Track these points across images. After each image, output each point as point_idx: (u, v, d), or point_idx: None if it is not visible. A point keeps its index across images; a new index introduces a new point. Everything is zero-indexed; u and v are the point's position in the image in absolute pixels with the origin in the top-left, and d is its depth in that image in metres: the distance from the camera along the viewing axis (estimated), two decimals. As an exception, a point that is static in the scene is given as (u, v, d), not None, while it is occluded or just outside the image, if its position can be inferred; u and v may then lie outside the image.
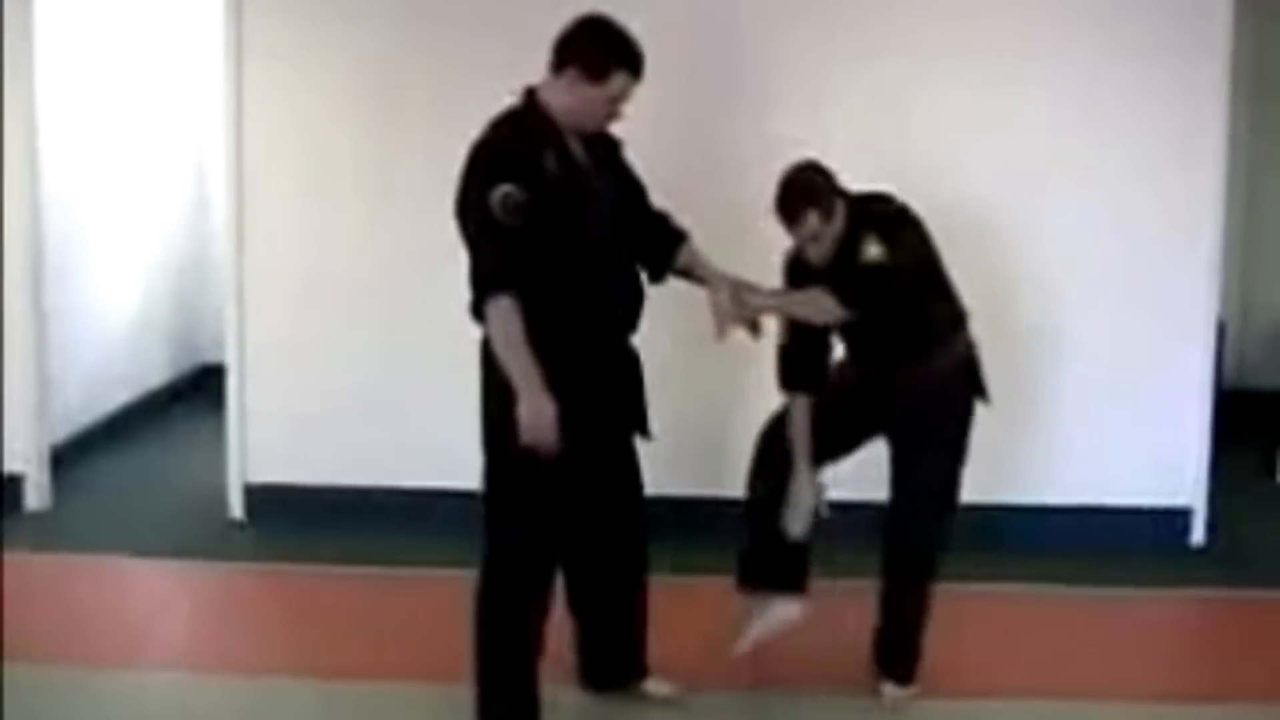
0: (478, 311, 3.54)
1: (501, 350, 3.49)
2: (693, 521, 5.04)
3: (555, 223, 3.50)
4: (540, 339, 3.48)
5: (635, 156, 3.89)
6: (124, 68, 7.04)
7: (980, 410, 4.03)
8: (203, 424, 6.65)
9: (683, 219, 3.93)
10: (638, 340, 3.80)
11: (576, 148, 3.64)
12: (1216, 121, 5.31)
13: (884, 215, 3.81)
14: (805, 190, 3.76)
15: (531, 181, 3.47)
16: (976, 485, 5.40)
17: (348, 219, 5.55)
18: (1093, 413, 5.42)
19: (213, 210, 7.57)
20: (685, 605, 4.40)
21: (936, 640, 4.06)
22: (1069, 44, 5.29)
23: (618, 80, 3.57)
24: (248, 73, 5.48)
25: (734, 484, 4.21)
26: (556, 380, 3.49)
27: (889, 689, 4.05)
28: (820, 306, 3.77)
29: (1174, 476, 5.47)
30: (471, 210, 3.50)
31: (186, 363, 7.82)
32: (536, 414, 3.46)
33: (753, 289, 3.83)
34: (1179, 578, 5.15)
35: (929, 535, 4.01)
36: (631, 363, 3.79)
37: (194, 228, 7.88)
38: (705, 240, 3.94)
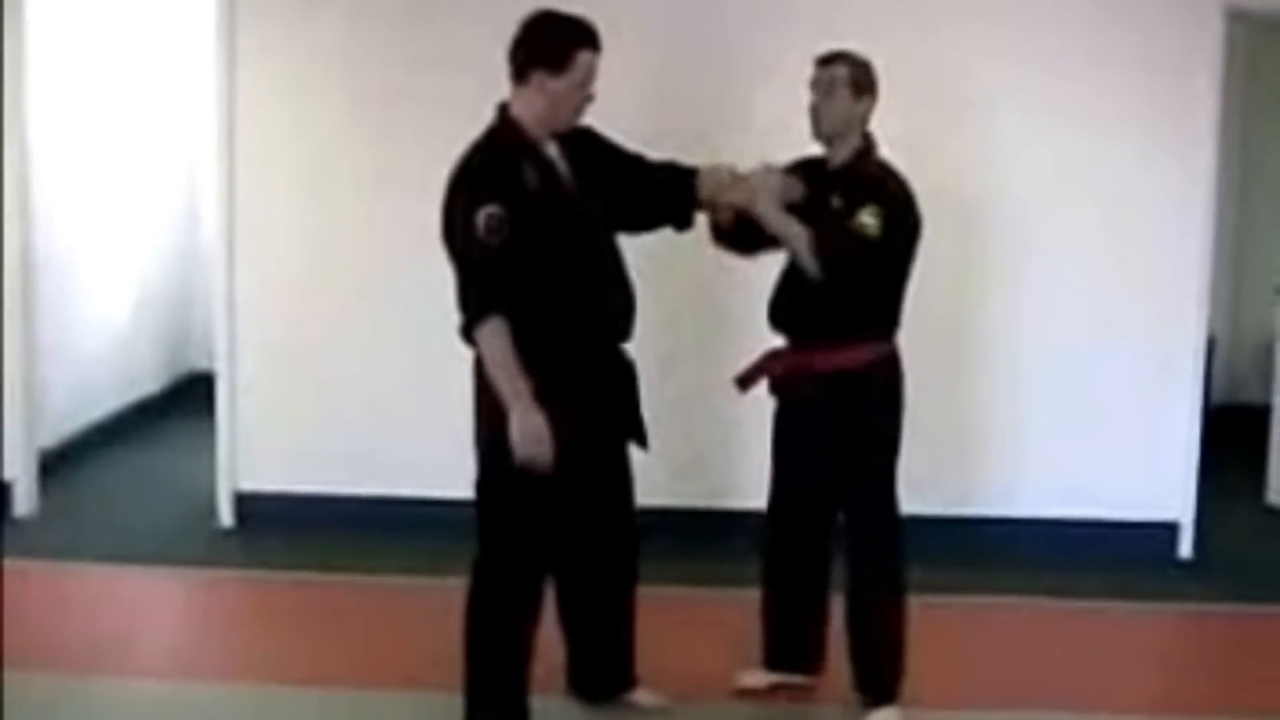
0: (468, 335, 3.55)
1: (493, 371, 3.50)
2: (684, 532, 5.05)
3: (542, 235, 3.51)
4: (535, 350, 3.49)
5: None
6: (116, 73, 7.04)
7: (973, 422, 4.02)
8: (192, 431, 6.64)
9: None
10: (630, 353, 3.80)
11: (555, 156, 3.65)
12: (1208, 138, 5.34)
13: (895, 194, 3.82)
14: (854, 55, 3.86)
15: (513, 198, 3.48)
16: (967, 497, 5.47)
17: (339, 227, 5.55)
18: (1083, 426, 5.43)
19: (204, 218, 7.56)
20: (675, 616, 4.40)
21: (923, 653, 4.05)
22: (1057, 57, 5.33)
23: (582, 61, 3.58)
24: (240, 78, 5.49)
25: (725, 495, 4.21)
26: (551, 390, 3.50)
27: (877, 715, 3.96)
28: (805, 253, 3.74)
29: (1163, 490, 5.49)
30: (457, 234, 3.52)
31: (177, 370, 7.81)
32: (530, 433, 3.47)
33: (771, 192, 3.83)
34: (1166, 591, 5.16)
35: (888, 550, 3.95)
36: (626, 371, 3.79)
37: (185, 235, 7.88)
38: (697, 230, 3.96)
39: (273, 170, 5.53)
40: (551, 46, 3.57)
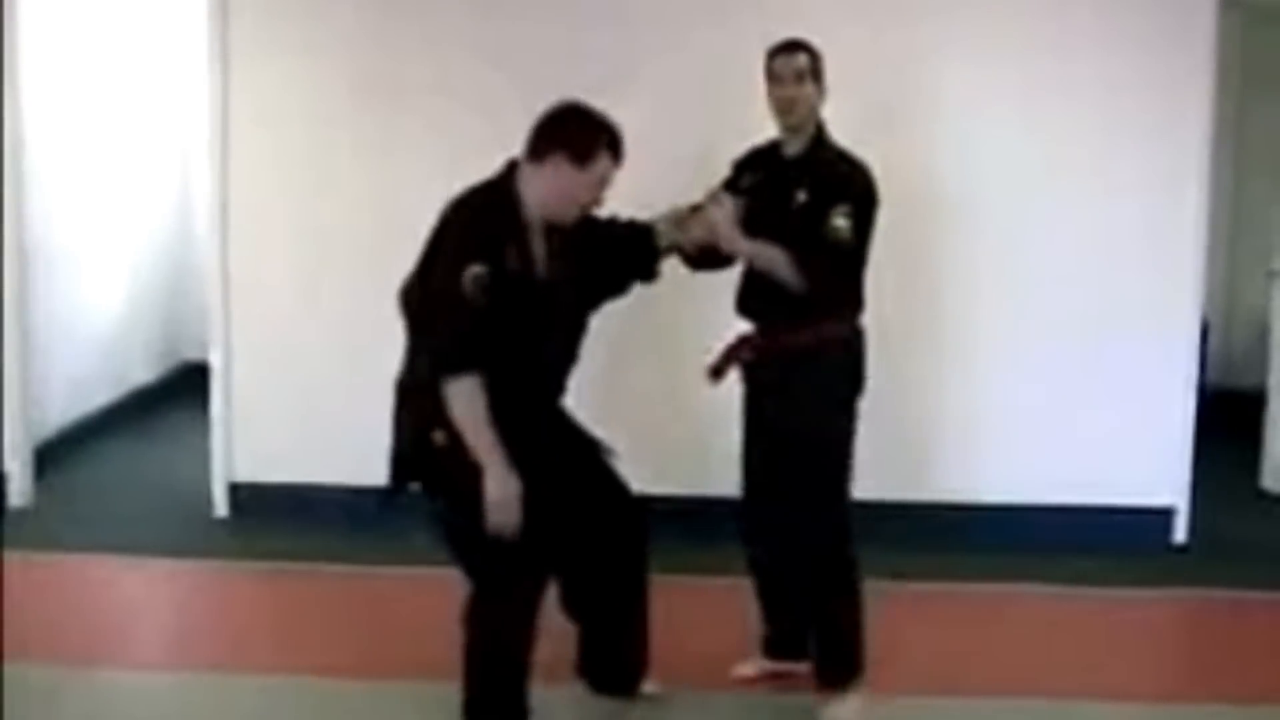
0: (432, 379, 3.55)
1: (466, 428, 3.49)
2: (681, 519, 5.04)
3: (506, 313, 3.49)
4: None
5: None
6: (108, 63, 7.02)
7: (968, 409, 4.02)
8: (187, 422, 6.63)
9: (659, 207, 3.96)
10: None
11: (538, 245, 3.62)
12: (1201, 122, 5.34)
13: (860, 188, 3.84)
14: (808, 44, 3.89)
15: (494, 268, 3.47)
16: (962, 484, 5.46)
17: (335, 216, 5.53)
18: (1077, 412, 5.44)
19: (198, 208, 7.55)
20: (673, 604, 4.39)
21: (920, 638, 4.07)
22: (1050, 42, 5.32)
23: (602, 163, 3.58)
24: (233, 69, 5.47)
25: (722, 481, 4.20)
26: (510, 449, 3.49)
27: (832, 707, 3.90)
28: (786, 270, 3.76)
29: (1158, 476, 5.49)
30: (439, 285, 3.51)
31: (171, 361, 7.80)
32: (503, 493, 3.47)
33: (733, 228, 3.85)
34: (1162, 577, 5.18)
35: (833, 535, 3.90)
36: (557, 415, 3.79)
37: (179, 226, 7.87)
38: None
39: (267, 159, 5.51)
40: (580, 139, 3.56)
